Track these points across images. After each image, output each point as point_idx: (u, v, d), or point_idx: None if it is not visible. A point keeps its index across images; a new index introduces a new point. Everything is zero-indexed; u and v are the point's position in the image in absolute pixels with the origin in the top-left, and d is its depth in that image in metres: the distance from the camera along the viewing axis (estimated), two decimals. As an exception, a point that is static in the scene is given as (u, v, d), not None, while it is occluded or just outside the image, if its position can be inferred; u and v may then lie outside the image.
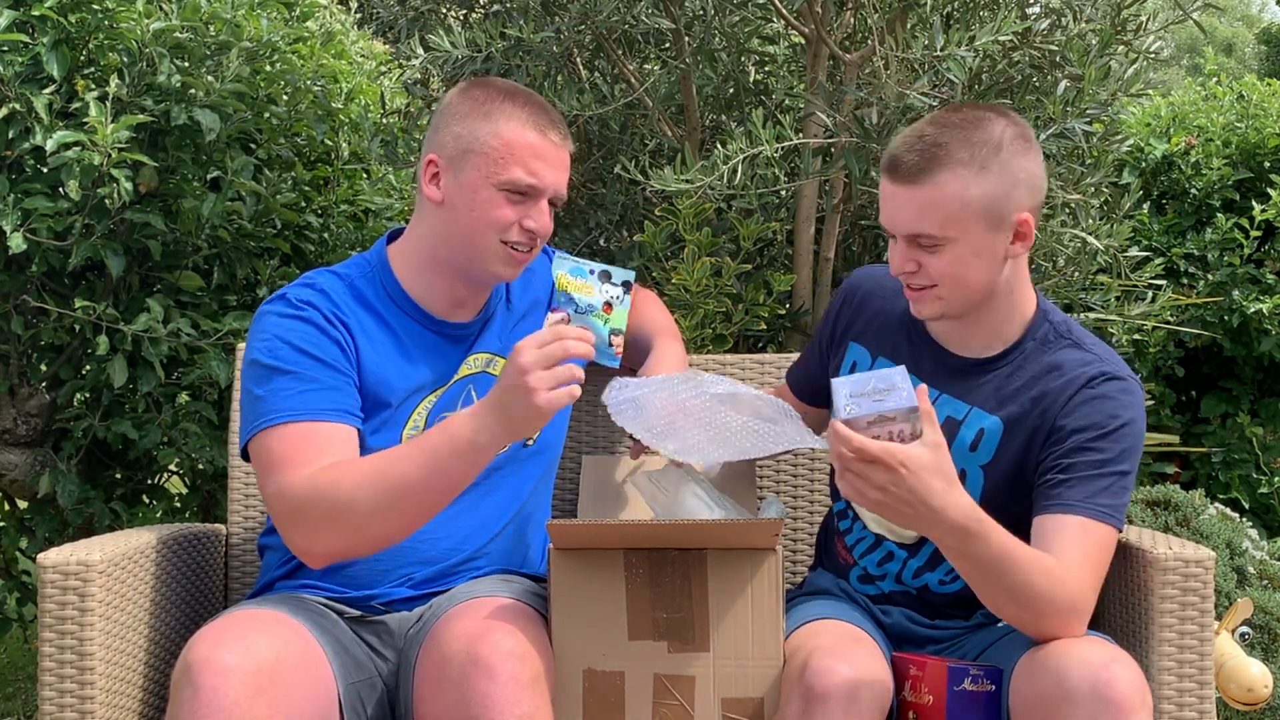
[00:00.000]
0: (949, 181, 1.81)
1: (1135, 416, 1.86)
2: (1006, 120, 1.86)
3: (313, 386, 1.86)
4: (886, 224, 1.88)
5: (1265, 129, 4.10)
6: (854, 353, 2.07)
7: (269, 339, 1.88)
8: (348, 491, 1.76)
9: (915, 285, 1.88)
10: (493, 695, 1.65)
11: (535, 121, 1.92)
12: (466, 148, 1.91)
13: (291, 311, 1.91)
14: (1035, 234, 1.88)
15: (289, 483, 1.79)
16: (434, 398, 1.99)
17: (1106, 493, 1.80)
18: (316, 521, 1.78)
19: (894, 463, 1.58)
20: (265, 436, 1.84)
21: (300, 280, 1.98)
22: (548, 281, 2.15)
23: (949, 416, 1.94)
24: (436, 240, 1.96)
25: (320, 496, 1.77)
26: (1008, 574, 1.69)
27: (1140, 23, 2.70)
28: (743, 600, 1.82)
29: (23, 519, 3.03)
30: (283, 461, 1.81)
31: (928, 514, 1.61)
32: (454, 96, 1.97)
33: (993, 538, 1.67)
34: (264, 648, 1.67)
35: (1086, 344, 1.93)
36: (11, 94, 2.53)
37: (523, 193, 1.91)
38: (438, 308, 2.00)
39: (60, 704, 1.81)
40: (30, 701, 3.43)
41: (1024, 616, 1.74)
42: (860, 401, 1.62)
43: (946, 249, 1.83)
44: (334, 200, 3.15)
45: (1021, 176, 1.84)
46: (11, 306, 2.73)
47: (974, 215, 1.82)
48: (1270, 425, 4.16)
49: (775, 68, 3.18)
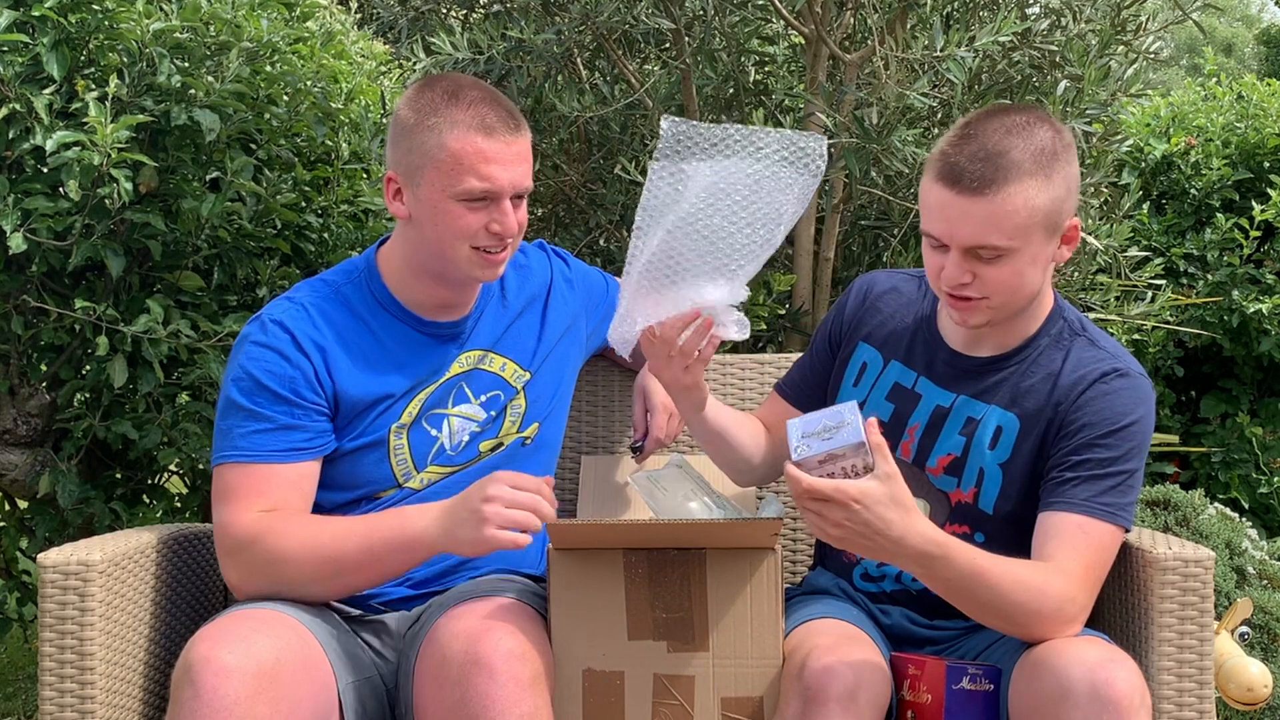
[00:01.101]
0: (1018, 193, 1.77)
1: (1144, 414, 1.86)
2: (1050, 126, 1.83)
3: (266, 426, 1.89)
4: (944, 235, 1.82)
5: (1265, 129, 4.10)
6: (863, 353, 2.07)
7: (238, 370, 1.92)
8: (287, 550, 1.83)
9: (966, 295, 1.84)
10: (493, 695, 1.65)
11: (481, 122, 1.87)
12: (418, 164, 1.89)
13: (262, 339, 1.93)
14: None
15: (233, 521, 1.86)
16: (426, 394, 1.99)
17: (1112, 491, 1.81)
18: (252, 566, 1.85)
19: (845, 499, 1.62)
20: (221, 470, 1.90)
21: (284, 295, 2.00)
22: (545, 279, 2.15)
23: (968, 417, 1.94)
24: (412, 250, 1.97)
25: (261, 545, 1.84)
26: (980, 591, 1.71)
27: (1140, 23, 2.71)
28: (742, 600, 1.82)
29: (23, 519, 3.03)
30: (229, 497, 1.88)
31: (888, 544, 1.64)
32: (402, 107, 1.93)
33: (957, 559, 1.69)
34: (264, 647, 1.67)
35: (1099, 341, 1.93)
36: (11, 94, 2.53)
37: (481, 198, 1.89)
38: (426, 310, 2.01)
39: (60, 704, 1.81)
40: (30, 701, 3.43)
41: (1008, 627, 1.77)
42: (810, 442, 1.66)
43: (1006, 260, 1.80)
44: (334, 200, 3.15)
45: (1073, 183, 1.84)
46: (11, 306, 2.73)
47: (1037, 225, 1.79)
48: (1270, 425, 4.17)
49: (775, 68, 3.18)
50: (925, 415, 1.97)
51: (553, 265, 2.18)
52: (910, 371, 2.01)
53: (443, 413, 2.00)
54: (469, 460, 2.02)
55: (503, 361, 2.06)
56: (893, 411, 2.00)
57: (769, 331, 2.91)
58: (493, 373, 2.05)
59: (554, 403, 2.12)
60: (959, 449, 1.94)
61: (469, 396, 2.02)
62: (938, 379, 1.98)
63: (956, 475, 1.94)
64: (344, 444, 1.95)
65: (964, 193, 1.78)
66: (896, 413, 2.00)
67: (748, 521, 1.83)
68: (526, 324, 2.10)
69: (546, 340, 2.11)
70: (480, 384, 2.04)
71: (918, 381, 2.00)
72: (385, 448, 1.96)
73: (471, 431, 2.02)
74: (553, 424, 2.12)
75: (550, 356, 2.11)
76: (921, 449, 1.97)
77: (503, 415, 2.04)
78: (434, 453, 1.99)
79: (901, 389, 2.01)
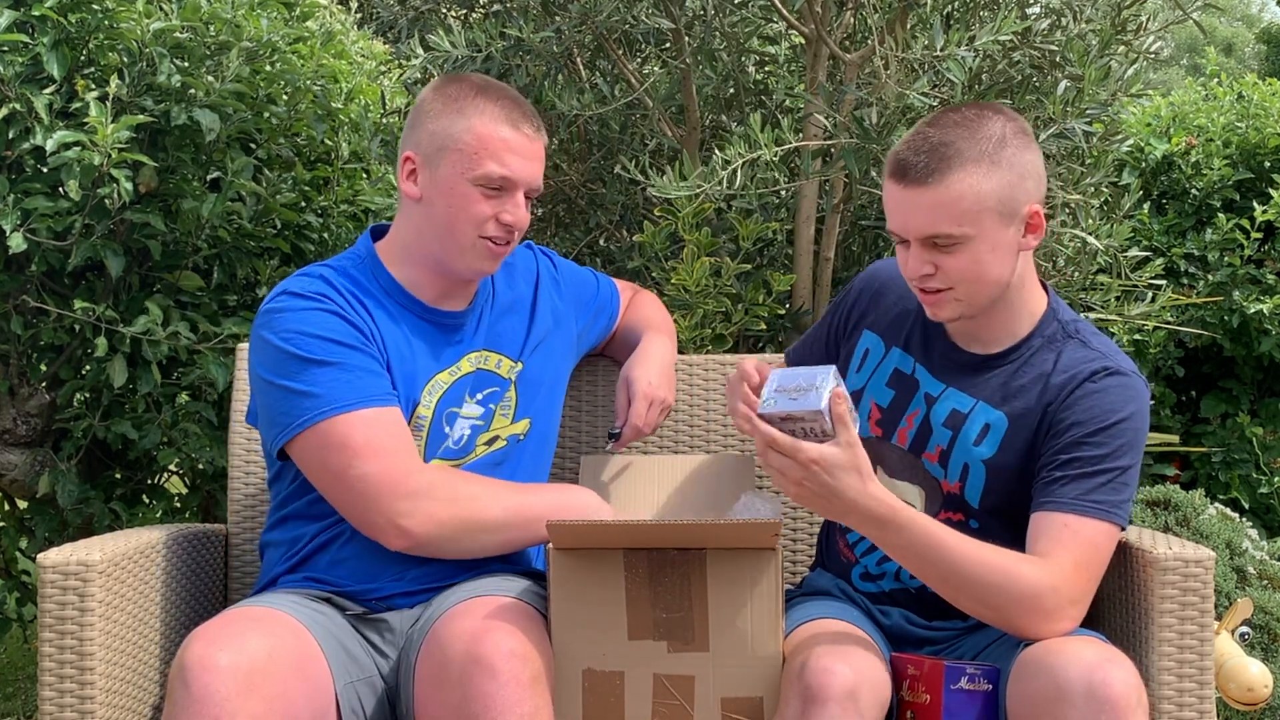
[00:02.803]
0: (961, 179, 1.81)
1: (1135, 411, 1.86)
2: (1004, 116, 1.88)
3: (357, 374, 1.87)
4: (898, 229, 1.87)
5: (1265, 129, 4.09)
6: (867, 340, 2.08)
7: (290, 335, 1.88)
8: (480, 493, 1.89)
9: (931, 288, 1.88)
10: (494, 695, 1.65)
11: (508, 115, 1.94)
12: (441, 145, 1.93)
13: (308, 305, 1.91)
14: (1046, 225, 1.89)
15: (406, 465, 1.85)
16: (438, 385, 2.00)
17: (1103, 488, 1.81)
18: (444, 500, 1.86)
19: (806, 460, 1.71)
20: (331, 427, 1.84)
21: (298, 274, 1.98)
22: (531, 277, 2.16)
23: (954, 409, 1.95)
24: (417, 234, 1.98)
25: (451, 482, 1.88)
26: (940, 564, 1.77)
27: (1140, 23, 2.70)
28: (742, 600, 1.82)
29: (23, 519, 3.03)
30: (374, 447, 1.84)
31: (841, 504, 1.74)
32: (429, 94, 1.99)
33: (910, 527, 1.76)
34: (258, 646, 1.67)
35: (1091, 341, 1.94)
36: (11, 94, 2.54)
37: (498, 187, 1.93)
38: (429, 297, 2.02)
39: (60, 704, 1.81)
40: (30, 701, 3.43)
41: (987, 613, 1.79)
42: (779, 398, 1.76)
43: (963, 248, 1.84)
44: (334, 200, 3.15)
45: (1028, 169, 1.86)
46: (11, 306, 2.73)
47: (988, 210, 1.82)
48: (1270, 425, 4.17)
49: (775, 68, 3.18)
50: (923, 403, 1.98)
51: (539, 263, 2.20)
52: (909, 358, 2.03)
53: (455, 412, 2.01)
54: (467, 455, 2.02)
55: (498, 358, 2.07)
56: (893, 398, 2.02)
57: (769, 331, 2.91)
58: (489, 370, 2.06)
59: (545, 397, 2.12)
60: (945, 441, 1.95)
61: (472, 395, 2.03)
62: (933, 369, 2.00)
63: (944, 466, 1.96)
64: None
65: (910, 184, 1.83)
66: (897, 399, 2.01)
67: (748, 522, 1.83)
68: (516, 319, 2.12)
69: (535, 333, 2.13)
70: (480, 382, 2.05)
71: (915, 369, 2.01)
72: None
73: (474, 425, 2.03)
74: (546, 421, 2.13)
75: (540, 348, 2.12)
76: (919, 436, 1.98)
77: (496, 409, 2.05)
78: (442, 448, 2.00)
79: (902, 375, 2.02)
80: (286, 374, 1.87)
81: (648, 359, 2.22)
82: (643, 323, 2.30)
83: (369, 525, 1.86)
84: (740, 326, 2.77)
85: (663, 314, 2.37)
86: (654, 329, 2.29)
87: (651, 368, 2.21)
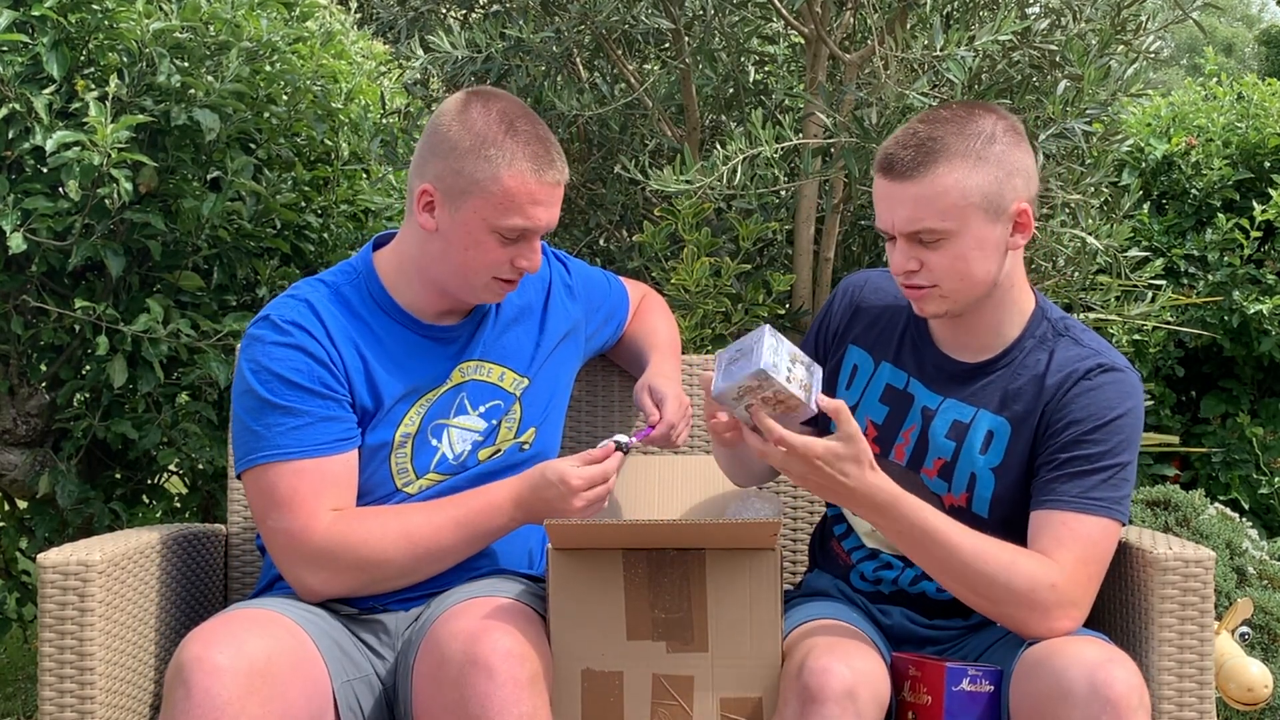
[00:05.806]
0: (947, 173, 1.81)
1: (1131, 407, 1.86)
2: (995, 114, 1.87)
3: (307, 420, 1.88)
4: (884, 224, 1.87)
5: (1265, 129, 4.09)
6: (854, 356, 2.06)
7: (262, 372, 1.90)
8: (382, 550, 1.87)
9: (917, 284, 1.88)
10: (492, 695, 1.65)
11: (535, 164, 1.88)
12: (465, 188, 1.88)
13: (279, 338, 1.91)
14: (1034, 225, 1.89)
15: (307, 527, 1.85)
16: (427, 401, 1.99)
17: (1103, 485, 1.82)
18: (341, 570, 1.87)
19: (810, 456, 1.75)
20: (264, 472, 1.87)
21: (285, 294, 1.98)
22: (543, 285, 2.14)
23: (955, 420, 1.94)
24: (426, 261, 1.96)
25: (349, 548, 1.86)
26: (935, 549, 1.79)
27: (1140, 23, 2.70)
28: (741, 600, 1.82)
29: (23, 519, 3.03)
30: (289, 501, 1.86)
31: (843, 492, 1.78)
32: (452, 122, 1.90)
33: (909, 513, 1.79)
34: (256, 647, 1.67)
35: (1083, 339, 1.93)
36: (11, 94, 2.54)
37: (518, 236, 1.91)
38: (425, 314, 2.00)
39: (60, 704, 1.81)
40: (30, 701, 3.43)
41: (983, 604, 1.80)
42: (728, 371, 1.76)
43: (948, 243, 1.83)
44: (334, 200, 3.15)
45: (1017, 166, 1.85)
46: (11, 306, 2.73)
47: (974, 205, 1.82)
48: (1270, 425, 4.16)
49: (775, 68, 3.18)
50: (919, 417, 1.97)
51: (552, 270, 2.16)
52: (901, 373, 2.01)
53: (444, 423, 2.00)
54: (469, 466, 2.02)
55: (501, 371, 2.05)
56: (888, 414, 2.00)
57: (769, 331, 2.90)
58: (490, 382, 2.04)
59: (550, 408, 2.11)
60: (949, 453, 1.94)
61: (468, 408, 2.02)
62: (928, 381, 1.98)
63: (947, 480, 1.94)
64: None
65: (896, 178, 1.83)
66: (892, 414, 2.00)
67: (747, 522, 1.83)
68: (524, 330, 2.09)
69: (545, 346, 2.10)
70: (480, 394, 2.03)
71: (909, 383, 2.00)
72: (388, 450, 1.96)
73: (474, 441, 2.02)
74: (549, 430, 2.12)
75: (548, 362, 2.10)
76: (916, 452, 1.97)
77: (501, 423, 2.04)
78: (435, 461, 1.99)
79: (894, 390, 2.01)
80: (246, 408, 1.91)
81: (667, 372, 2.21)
82: (649, 340, 2.28)
83: (284, 574, 1.91)
84: (740, 327, 2.77)
85: (670, 326, 2.33)
86: (660, 351, 2.25)
87: (675, 381, 2.19)
